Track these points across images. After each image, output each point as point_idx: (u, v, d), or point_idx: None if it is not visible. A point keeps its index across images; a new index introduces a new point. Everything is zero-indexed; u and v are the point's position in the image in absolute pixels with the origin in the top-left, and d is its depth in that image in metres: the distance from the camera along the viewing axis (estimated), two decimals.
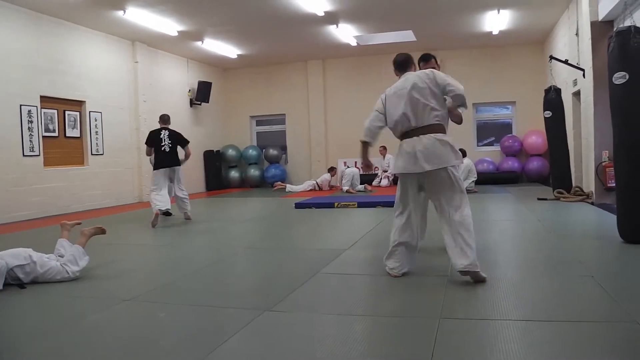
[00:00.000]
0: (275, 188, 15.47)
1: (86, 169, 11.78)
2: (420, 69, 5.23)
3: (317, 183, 15.20)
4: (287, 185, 15.49)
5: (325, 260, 5.32)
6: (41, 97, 10.54)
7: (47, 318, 3.81)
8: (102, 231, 5.53)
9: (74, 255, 4.97)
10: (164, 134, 9.07)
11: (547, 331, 3.15)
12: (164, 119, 9.35)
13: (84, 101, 11.76)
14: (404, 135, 4.73)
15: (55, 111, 11.02)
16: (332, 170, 15.42)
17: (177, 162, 9.05)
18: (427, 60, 5.48)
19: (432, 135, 4.48)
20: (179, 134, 9.26)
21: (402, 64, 4.92)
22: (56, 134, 11.02)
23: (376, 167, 16.31)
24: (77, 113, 11.64)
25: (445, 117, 4.68)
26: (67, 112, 11.35)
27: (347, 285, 4.57)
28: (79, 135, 11.70)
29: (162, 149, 8.92)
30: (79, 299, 4.30)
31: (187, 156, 9.17)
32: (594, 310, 3.56)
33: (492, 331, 3.20)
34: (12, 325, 3.66)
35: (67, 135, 11.39)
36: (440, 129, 4.54)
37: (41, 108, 10.53)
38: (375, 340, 3.19)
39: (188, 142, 9.26)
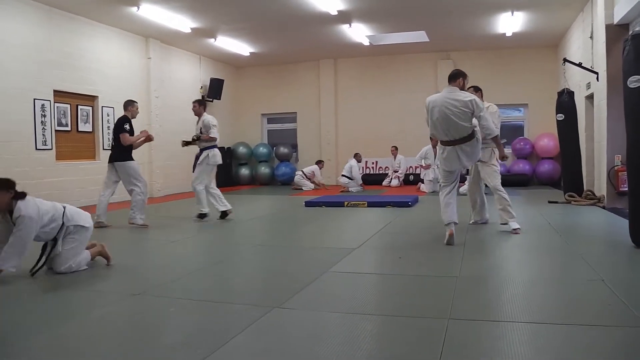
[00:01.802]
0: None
1: (97, 164, 11.82)
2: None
3: (303, 173, 15.22)
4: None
5: (334, 259, 5.31)
6: (54, 91, 10.60)
7: (53, 311, 3.83)
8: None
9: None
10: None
11: (556, 334, 3.13)
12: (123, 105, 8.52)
13: (97, 96, 11.82)
14: None
15: (68, 105, 11.09)
16: (319, 162, 15.49)
17: (118, 157, 8.11)
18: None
19: None
20: (117, 121, 8.32)
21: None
22: (69, 128, 11.09)
23: (387, 167, 16.31)
24: (90, 108, 11.70)
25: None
26: (79, 107, 11.41)
27: (355, 284, 4.56)
28: (91, 130, 11.76)
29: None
30: (87, 292, 4.33)
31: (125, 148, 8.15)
32: (604, 314, 3.53)
33: (501, 333, 3.19)
34: (19, 316, 3.68)
35: (80, 129, 11.45)
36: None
37: (54, 102, 10.59)
38: (383, 340, 3.18)
39: (122, 130, 8.08)
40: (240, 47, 14.95)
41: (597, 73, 9.81)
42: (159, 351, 3.00)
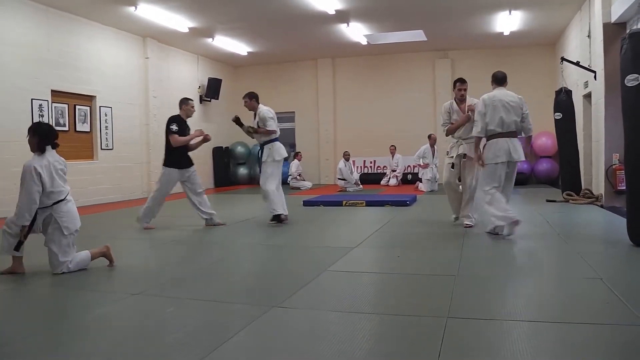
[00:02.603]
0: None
1: (95, 164, 11.83)
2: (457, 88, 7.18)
3: (295, 176, 15.53)
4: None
5: (333, 258, 5.32)
6: (52, 91, 10.60)
7: (53, 310, 3.84)
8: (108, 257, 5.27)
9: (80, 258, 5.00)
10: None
11: (554, 333, 3.13)
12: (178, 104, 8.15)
13: (95, 96, 11.82)
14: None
15: (66, 105, 11.08)
16: (297, 155, 15.70)
17: (164, 161, 7.99)
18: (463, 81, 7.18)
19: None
20: (167, 121, 8.03)
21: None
22: (66, 128, 11.07)
23: (385, 167, 16.32)
24: (88, 108, 11.70)
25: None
26: (77, 107, 11.40)
27: (354, 283, 4.56)
28: (89, 130, 11.76)
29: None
30: (86, 292, 4.33)
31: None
32: (602, 312, 3.54)
33: (500, 331, 3.19)
34: (18, 316, 3.69)
35: (78, 129, 11.44)
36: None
37: (52, 102, 10.58)
38: (382, 339, 3.18)
39: (169, 131, 7.86)
40: (238, 47, 14.95)
41: (594, 72, 9.82)
42: (159, 350, 3.00)
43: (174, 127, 7.75)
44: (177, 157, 7.82)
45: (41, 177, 4.71)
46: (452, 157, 7.06)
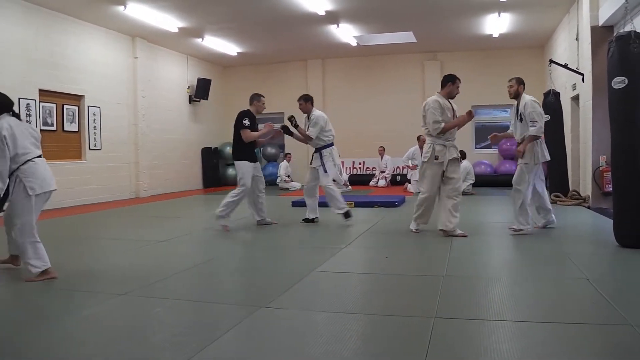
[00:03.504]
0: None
1: (83, 164, 11.76)
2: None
3: (284, 177, 15.55)
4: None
5: (321, 259, 5.32)
6: (40, 90, 10.52)
7: (39, 311, 3.80)
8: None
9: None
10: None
11: (541, 332, 3.15)
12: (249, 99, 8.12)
13: (83, 95, 11.75)
14: None
15: (54, 105, 11.00)
16: (287, 156, 15.76)
17: (234, 156, 7.92)
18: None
19: None
20: (237, 116, 7.95)
21: None
22: (54, 128, 11.01)
23: (374, 168, 16.34)
24: (76, 107, 11.62)
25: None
26: (65, 106, 11.33)
27: (342, 284, 4.56)
28: (77, 130, 11.68)
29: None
30: (73, 292, 4.29)
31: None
32: (588, 312, 3.56)
33: (487, 331, 3.20)
34: (3, 318, 3.66)
35: (65, 129, 11.37)
36: None
37: (40, 102, 10.51)
38: (370, 339, 3.18)
39: (242, 126, 7.74)
40: (228, 47, 14.92)
41: (582, 74, 9.89)
42: (147, 350, 2.99)
43: (247, 122, 7.67)
44: (249, 150, 7.75)
45: (5, 139, 4.51)
46: (443, 162, 6.53)
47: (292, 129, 7.99)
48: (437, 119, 6.46)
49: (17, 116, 4.94)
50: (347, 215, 7.71)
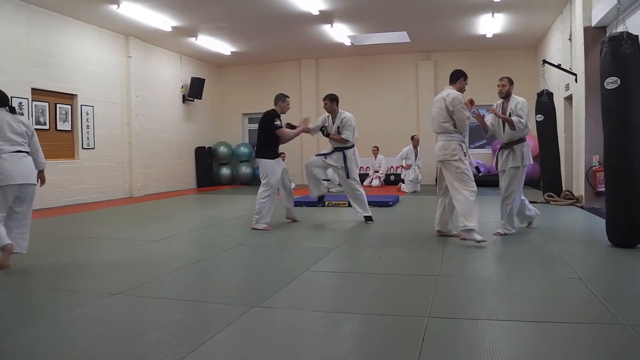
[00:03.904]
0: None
1: (76, 163, 11.71)
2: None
3: None
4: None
5: (314, 258, 5.32)
6: (32, 89, 10.46)
7: (30, 311, 3.78)
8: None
9: None
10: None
11: (534, 332, 3.16)
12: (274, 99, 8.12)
13: (76, 94, 11.69)
14: None
15: (47, 104, 10.95)
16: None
17: (258, 153, 7.74)
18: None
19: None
20: (266, 115, 7.90)
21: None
22: (47, 127, 10.95)
23: (367, 167, 16.34)
24: (69, 106, 11.57)
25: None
26: (58, 105, 11.28)
27: (335, 283, 4.57)
28: (70, 129, 11.63)
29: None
30: (66, 292, 4.28)
31: None
32: (581, 312, 3.57)
33: (480, 331, 3.21)
34: None
35: (58, 128, 11.32)
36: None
37: (32, 100, 10.46)
38: (363, 338, 3.18)
39: (275, 127, 7.72)
40: (222, 47, 14.89)
41: (575, 74, 9.92)
42: (139, 350, 2.97)
43: (279, 123, 7.72)
44: (274, 148, 7.79)
45: None
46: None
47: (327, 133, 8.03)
48: (468, 114, 6.21)
49: (13, 110, 5.23)
50: (368, 219, 7.77)
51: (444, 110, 6.12)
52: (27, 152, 5.21)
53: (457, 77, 6.38)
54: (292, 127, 8.05)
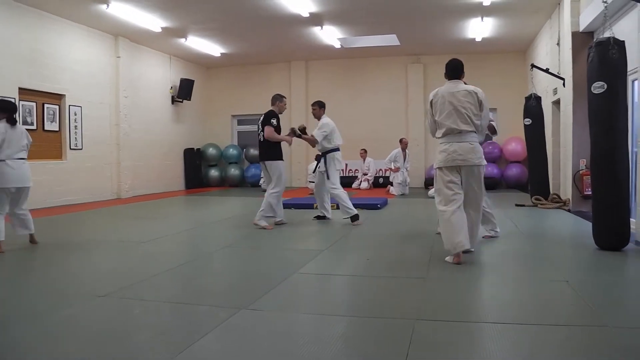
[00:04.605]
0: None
1: (64, 164, 11.64)
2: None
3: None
4: None
5: (303, 261, 5.31)
6: (20, 89, 10.38)
7: (16, 312, 3.74)
8: None
9: None
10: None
11: (521, 334, 3.17)
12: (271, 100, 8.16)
13: (64, 95, 11.63)
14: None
15: (34, 104, 10.88)
16: None
17: (265, 156, 7.89)
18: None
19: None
20: (265, 115, 7.93)
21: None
22: (34, 127, 10.86)
23: (356, 170, 16.36)
24: (57, 107, 11.50)
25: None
26: (46, 105, 11.20)
27: (324, 286, 4.57)
28: (57, 129, 11.55)
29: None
30: (52, 293, 4.25)
31: None
32: (568, 314, 3.60)
33: (467, 333, 3.22)
34: None
35: (46, 128, 11.24)
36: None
37: (20, 100, 10.37)
38: (351, 340, 3.18)
39: (268, 123, 7.79)
40: (211, 48, 14.87)
41: (563, 79, 9.99)
42: (126, 352, 2.96)
43: (275, 122, 7.83)
44: (280, 149, 7.98)
45: None
46: None
47: (302, 135, 8.35)
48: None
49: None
50: (353, 218, 7.92)
51: (476, 105, 5.34)
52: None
53: (461, 71, 5.64)
54: (302, 131, 8.36)
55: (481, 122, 5.37)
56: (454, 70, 5.57)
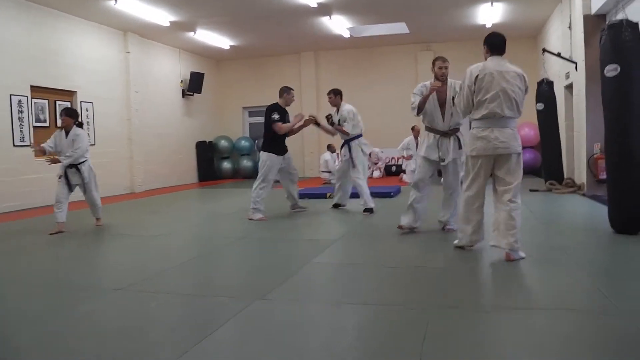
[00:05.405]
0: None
1: None
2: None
3: None
4: None
5: (316, 250, 5.32)
6: (32, 87, 10.45)
7: (36, 307, 3.78)
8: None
9: None
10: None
11: (536, 320, 3.16)
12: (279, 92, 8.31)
13: (75, 91, 11.68)
14: None
15: (46, 101, 10.94)
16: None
17: (261, 147, 7.98)
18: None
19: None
20: (266, 110, 8.13)
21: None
22: (47, 124, 10.93)
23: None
24: (68, 103, 11.54)
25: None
26: (58, 102, 11.26)
27: (338, 275, 4.57)
28: None
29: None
30: (70, 289, 4.28)
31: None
32: (582, 300, 3.58)
33: (483, 321, 3.21)
34: (2, 314, 3.65)
35: (58, 125, 11.27)
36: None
37: (32, 98, 10.44)
38: (366, 330, 3.19)
39: (272, 120, 7.84)
40: (220, 41, 14.86)
41: (575, 63, 9.89)
42: (143, 345, 2.99)
43: (276, 116, 7.82)
44: (279, 143, 7.89)
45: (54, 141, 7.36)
46: None
47: (321, 124, 8.42)
48: None
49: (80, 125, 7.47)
50: (368, 210, 7.84)
51: (523, 90, 4.88)
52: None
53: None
54: (328, 120, 8.40)
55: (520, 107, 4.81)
56: (501, 45, 5.08)
